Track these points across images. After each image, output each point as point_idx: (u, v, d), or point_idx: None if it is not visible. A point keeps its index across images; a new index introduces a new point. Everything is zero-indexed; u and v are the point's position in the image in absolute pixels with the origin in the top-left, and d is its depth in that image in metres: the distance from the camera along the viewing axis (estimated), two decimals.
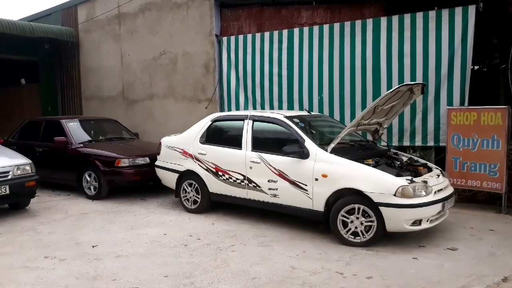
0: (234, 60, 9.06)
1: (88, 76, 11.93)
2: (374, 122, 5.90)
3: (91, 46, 11.72)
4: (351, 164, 4.99)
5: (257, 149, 5.79)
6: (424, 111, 7.16)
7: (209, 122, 6.49)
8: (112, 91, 11.37)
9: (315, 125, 6.26)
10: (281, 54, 8.41)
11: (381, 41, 7.37)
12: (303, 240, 5.17)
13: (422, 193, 4.76)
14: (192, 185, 6.49)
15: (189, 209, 6.56)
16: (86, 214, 6.63)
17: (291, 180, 5.36)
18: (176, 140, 6.80)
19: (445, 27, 6.86)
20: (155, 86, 10.43)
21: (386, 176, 4.81)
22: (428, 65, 7.04)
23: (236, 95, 9.11)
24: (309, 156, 5.22)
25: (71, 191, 8.18)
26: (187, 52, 9.73)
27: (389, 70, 7.36)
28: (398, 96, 5.44)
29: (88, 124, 8.86)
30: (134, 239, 5.35)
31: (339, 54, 7.79)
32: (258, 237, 5.31)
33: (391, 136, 7.44)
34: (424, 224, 4.78)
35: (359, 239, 4.89)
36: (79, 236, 5.51)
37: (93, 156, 7.58)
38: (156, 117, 10.46)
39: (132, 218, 6.34)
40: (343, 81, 7.78)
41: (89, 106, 11.99)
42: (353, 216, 4.89)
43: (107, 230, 5.78)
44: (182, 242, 5.18)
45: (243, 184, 5.86)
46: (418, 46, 7.08)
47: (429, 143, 7.18)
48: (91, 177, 7.60)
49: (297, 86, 8.30)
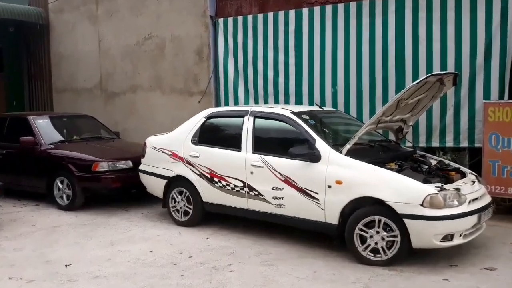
0: (232, 45, 9.07)
1: (60, 64, 11.97)
2: (397, 119, 5.90)
3: (64, 29, 11.75)
4: (371, 168, 4.99)
5: (260, 151, 5.79)
6: (456, 105, 7.16)
7: (203, 119, 6.50)
8: (88, 82, 11.40)
9: (327, 123, 6.27)
10: (287, 38, 8.42)
11: (405, 23, 7.37)
12: (314, 258, 5.17)
13: (454, 202, 4.75)
14: (183, 194, 6.49)
15: (179, 221, 6.57)
16: (58, 228, 6.64)
17: (299, 188, 5.36)
18: (163, 140, 6.80)
19: (481, 7, 6.85)
20: (139, 77, 10.45)
21: (412, 182, 4.81)
22: (461, 51, 7.03)
23: (235, 87, 9.12)
24: (321, 159, 5.22)
25: (40, 200, 8.18)
26: (177, 36, 9.75)
27: (415, 58, 7.35)
28: (425, 88, 5.45)
29: (60, 122, 8.86)
30: (114, 257, 5.36)
31: (356, 38, 7.79)
32: (261, 255, 5.32)
33: (418, 136, 7.44)
34: (457, 239, 4.78)
35: (380, 257, 4.88)
36: (49, 253, 5.51)
37: (66, 159, 7.59)
38: (140, 112, 10.48)
39: (112, 232, 6.34)
40: (361, 70, 7.78)
41: (61, 100, 12.03)
42: (372, 230, 4.89)
43: (82, 246, 5.79)
44: (171, 260, 5.19)
45: (243, 192, 5.86)
46: (450, 29, 7.07)
47: (462, 144, 7.18)
48: (63, 184, 7.60)
49: (307, 77, 8.30)
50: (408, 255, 4.91)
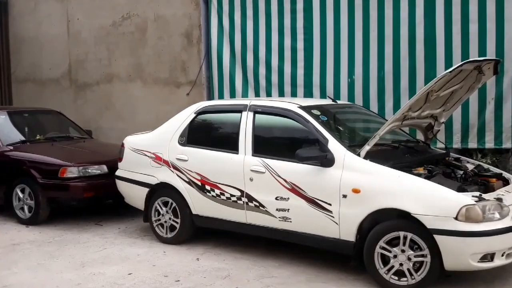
0: (228, 27, 9.09)
1: (21, 49, 12.02)
2: (426, 114, 5.91)
3: (25, 7, 11.81)
4: (395, 174, 5.00)
5: (261, 153, 5.80)
6: (497, 99, 7.19)
7: (193, 115, 6.51)
8: (54, 71, 11.46)
9: (342, 119, 6.29)
10: (295, 18, 8.44)
11: (436, 0, 7.39)
12: (326, 283, 5.18)
13: (495, 215, 4.74)
14: (168, 205, 6.51)
15: (164, 238, 6.58)
16: (17, 246, 6.64)
17: (308, 198, 5.37)
18: (145, 141, 6.83)
19: None
20: (115, 64, 10.51)
21: (444, 191, 4.80)
22: (503, 34, 7.05)
23: (231, 77, 9.15)
24: (335, 162, 5.23)
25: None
26: (161, 16, 9.79)
27: (448, 42, 7.37)
28: (460, 78, 5.46)
29: (21, 118, 8.91)
30: (85, 281, 5.36)
31: (377, 19, 7.81)
32: (263, 279, 5.33)
33: (451, 135, 7.46)
34: (498, 259, 4.77)
35: (406, 281, 4.88)
36: (7, 277, 5.52)
37: (27, 163, 7.61)
38: (117, 107, 10.54)
39: (83, 251, 6.35)
40: (383, 57, 7.81)
41: (22, 91, 12.09)
42: (397, 248, 4.89)
43: (47, 268, 5.79)
44: (154, 285, 5.19)
45: (241, 203, 5.88)
46: (490, 7, 7.09)
47: (505, 145, 7.21)
48: (24, 193, 7.61)
49: (318, 64, 8.33)
50: (439, 279, 4.92)
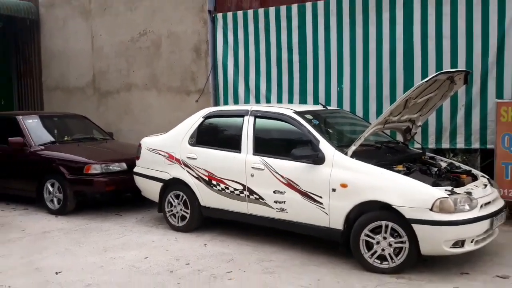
0: (232, 42, 9.08)
1: (51, 62, 11.98)
2: (405, 119, 5.91)
3: (55, 25, 11.76)
4: (377, 171, 5.00)
5: (260, 152, 5.80)
6: (467, 105, 7.16)
7: (201, 119, 6.50)
8: (80, 81, 11.41)
9: (332, 123, 6.29)
10: (290, 35, 8.43)
11: (414, 19, 7.37)
12: (318, 266, 5.17)
13: (465, 207, 4.75)
14: (180, 197, 6.50)
15: (175, 226, 6.57)
16: (48, 233, 6.64)
17: (302, 191, 5.37)
18: (159, 141, 6.81)
19: (493, 0, 6.86)
20: (133, 75, 10.47)
21: (420, 186, 4.81)
22: (472, 48, 7.03)
23: (235, 86, 9.13)
24: (325, 160, 5.23)
25: (29, 204, 8.20)
26: (174, 33, 9.76)
27: (424, 55, 7.35)
28: (435, 87, 5.46)
29: (51, 122, 8.87)
30: (107, 264, 5.36)
31: (362, 35, 7.79)
32: (262, 262, 5.32)
33: (427, 137, 7.44)
34: (468, 245, 4.77)
35: (387, 264, 4.88)
36: (39, 261, 5.51)
37: (57, 161, 7.60)
38: (135, 112, 10.50)
39: (105, 238, 6.35)
40: (368, 68, 7.79)
41: (52, 99, 12.04)
42: (379, 235, 4.89)
43: (74, 253, 5.79)
44: (167, 268, 5.19)
45: (243, 195, 5.87)
46: (460, 25, 7.08)
47: (474, 145, 7.18)
48: (54, 187, 7.61)
49: (311, 75, 8.30)
50: (416, 262, 4.92)
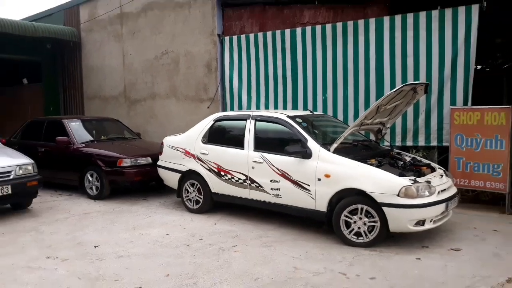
0: (237, 59, 9.05)
1: (90, 76, 11.95)
2: (377, 121, 5.89)
3: (93, 46, 11.73)
4: (354, 164, 4.98)
5: (260, 149, 5.78)
6: (427, 110, 7.15)
7: (211, 122, 6.48)
8: (114, 91, 11.38)
9: (317, 125, 6.26)
10: (284, 54, 8.38)
11: (384, 41, 7.35)
12: (306, 241, 5.15)
13: (425, 193, 4.74)
14: (194, 185, 6.48)
15: (191, 209, 6.55)
16: (88, 214, 6.62)
17: (293, 180, 5.34)
18: (178, 140, 6.78)
19: (448, 26, 6.84)
20: (157, 86, 10.44)
21: (389, 176, 4.80)
22: (431, 65, 7.02)
23: (239, 95, 9.09)
24: (312, 156, 5.21)
25: (73, 191, 8.18)
26: (189, 52, 9.73)
27: (392, 70, 7.33)
28: (401, 96, 5.43)
29: (90, 124, 8.85)
30: (136, 239, 5.35)
31: (342, 54, 7.76)
32: (261, 238, 5.30)
33: (394, 136, 7.42)
34: (428, 224, 4.76)
35: (362, 239, 4.88)
36: (81, 236, 5.51)
37: (95, 156, 7.58)
38: (158, 117, 10.46)
39: (134, 218, 6.33)
40: (347, 81, 7.75)
41: (91, 106, 12.01)
42: (356, 216, 4.88)
43: (109, 230, 5.78)
44: (185, 242, 5.17)
45: (246, 184, 5.85)
46: (421, 46, 7.06)
47: (432, 143, 7.16)
48: (93, 177, 7.60)
49: (301, 87, 8.27)
50: (386, 238, 4.91)
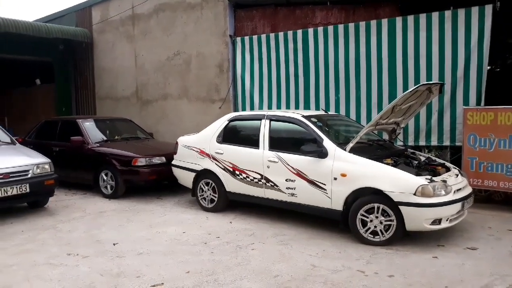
0: (248, 60, 9.09)
1: (102, 76, 12.04)
2: (392, 121, 5.91)
3: (105, 46, 11.82)
4: (371, 164, 5.00)
5: (274, 148, 5.80)
6: (440, 111, 7.15)
7: (226, 122, 6.51)
8: (126, 91, 11.47)
9: (332, 125, 6.27)
10: (296, 54, 8.41)
11: (396, 41, 7.36)
12: (322, 239, 5.18)
13: (441, 192, 4.75)
14: (209, 184, 6.52)
15: (206, 208, 6.59)
16: (103, 213, 6.68)
17: (309, 179, 5.37)
18: (193, 140, 6.82)
19: (461, 27, 6.84)
20: (168, 87, 10.50)
21: (406, 175, 4.81)
22: (444, 65, 7.03)
23: (251, 95, 9.13)
24: (328, 155, 5.23)
25: (87, 190, 8.25)
26: (201, 53, 9.78)
27: (405, 71, 7.34)
28: (416, 96, 5.45)
29: (104, 124, 8.91)
30: (153, 237, 5.39)
31: (354, 54, 7.78)
32: (277, 236, 5.33)
33: (407, 136, 7.43)
34: (444, 223, 4.78)
35: (379, 238, 4.89)
36: (98, 234, 5.56)
37: (109, 155, 7.63)
38: (170, 117, 10.52)
39: (150, 217, 6.37)
40: (359, 81, 7.77)
41: (103, 106, 12.10)
42: (372, 215, 4.90)
43: (125, 228, 5.83)
44: (202, 240, 5.21)
45: (261, 183, 5.88)
46: (434, 47, 7.06)
47: (445, 143, 7.17)
48: (107, 176, 7.66)
49: (313, 87, 8.28)
50: (402, 237, 4.92)
